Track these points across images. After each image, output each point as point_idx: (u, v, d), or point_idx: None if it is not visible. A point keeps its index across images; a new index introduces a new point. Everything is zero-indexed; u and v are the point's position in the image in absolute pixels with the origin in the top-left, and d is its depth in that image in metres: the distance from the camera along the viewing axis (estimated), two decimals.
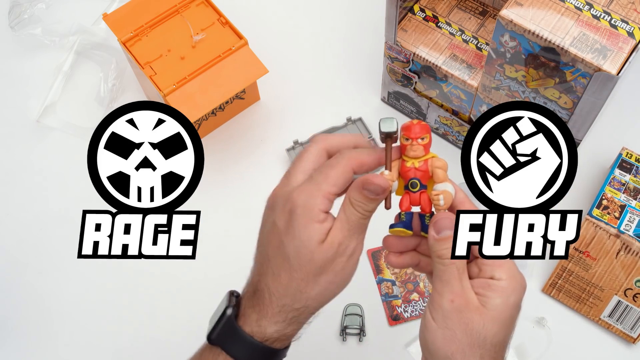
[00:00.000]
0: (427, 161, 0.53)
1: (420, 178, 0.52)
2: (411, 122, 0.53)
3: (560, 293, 0.87)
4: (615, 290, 0.84)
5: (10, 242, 0.96)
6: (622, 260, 0.82)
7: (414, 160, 0.52)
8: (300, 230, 0.50)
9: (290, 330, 0.54)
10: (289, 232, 0.51)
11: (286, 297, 0.52)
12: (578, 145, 0.81)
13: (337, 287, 0.53)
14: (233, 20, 0.97)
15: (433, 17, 0.93)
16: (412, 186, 0.52)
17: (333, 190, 0.51)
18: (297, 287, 0.52)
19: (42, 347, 0.89)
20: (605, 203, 0.84)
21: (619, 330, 0.85)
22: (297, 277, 0.51)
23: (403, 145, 0.53)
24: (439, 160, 0.53)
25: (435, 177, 0.53)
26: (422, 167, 0.52)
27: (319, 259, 0.51)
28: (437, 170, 0.52)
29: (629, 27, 0.71)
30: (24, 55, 1.11)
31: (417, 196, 0.53)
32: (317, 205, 0.50)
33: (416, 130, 0.52)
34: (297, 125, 1.02)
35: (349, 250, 0.52)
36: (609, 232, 0.82)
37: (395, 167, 0.53)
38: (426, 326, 0.50)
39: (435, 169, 0.52)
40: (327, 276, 0.52)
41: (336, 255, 0.51)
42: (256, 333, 0.53)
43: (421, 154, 0.52)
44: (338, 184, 0.51)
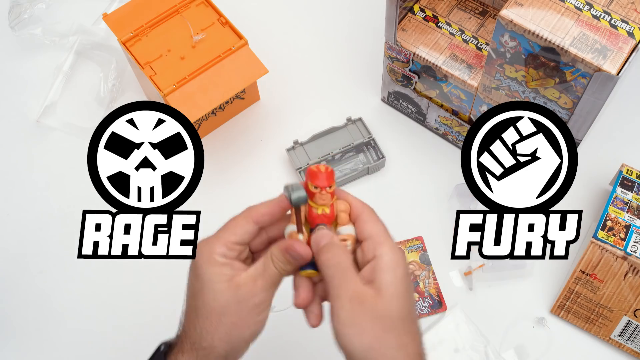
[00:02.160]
0: (333, 206, 0.55)
1: (326, 223, 0.55)
2: (317, 169, 0.55)
3: (569, 314, 0.87)
4: (625, 311, 0.84)
5: (10, 242, 0.96)
6: (631, 282, 0.82)
7: (322, 207, 0.55)
8: (202, 272, 0.55)
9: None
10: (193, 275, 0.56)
11: (194, 335, 0.55)
12: (578, 145, 0.81)
13: (242, 333, 0.55)
14: (233, 20, 0.97)
15: (433, 17, 0.93)
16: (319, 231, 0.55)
17: (231, 238, 0.55)
18: (202, 326, 0.55)
19: (43, 347, 0.89)
20: (609, 224, 0.83)
21: (630, 349, 0.85)
22: (202, 316, 0.54)
23: (311, 193, 0.55)
24: (342, 203, 0.56)
25: (339, 219, 0.55)
26: (330, 213, 0.55)
27: (222, 299, 0.54)
28: (341, 214, 0.55)
29: (629, 27, 0.71)
30: (24, 55, 1.11)
31: None
32: (214, 251, 0.55)
33: (323, 178, 0.54)
34: (297, 125, 1.02)
35: (256, 298, 0.54)
36: (616, 255, 0.82)
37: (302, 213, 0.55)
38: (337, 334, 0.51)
39: (339, 213, 0.55)
40: (230, 317, 0.54)
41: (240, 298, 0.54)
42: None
43: (328, 201, 0.55)
44: (237, 233, 0.55)
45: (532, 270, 0.90)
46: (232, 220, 0.57)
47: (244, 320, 0.54)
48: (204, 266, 0.55)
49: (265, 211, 0.56)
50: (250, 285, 0.54)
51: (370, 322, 0.51)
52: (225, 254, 0.55)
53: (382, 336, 0.51)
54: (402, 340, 0.51)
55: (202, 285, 0.55)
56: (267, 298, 0.55)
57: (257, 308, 0.55)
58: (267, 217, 0.56)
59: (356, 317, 0.51)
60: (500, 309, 0.88)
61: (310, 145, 0.99)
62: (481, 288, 0.90)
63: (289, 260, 0.54)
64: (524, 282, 0.90)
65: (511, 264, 0.89)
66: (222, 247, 0.55)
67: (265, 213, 0.56)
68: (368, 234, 0.54)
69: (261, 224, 0.57)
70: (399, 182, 0.98)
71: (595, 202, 0.94)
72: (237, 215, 0.57)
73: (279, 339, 0.88)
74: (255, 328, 0.55)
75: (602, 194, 0.95)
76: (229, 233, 0.56)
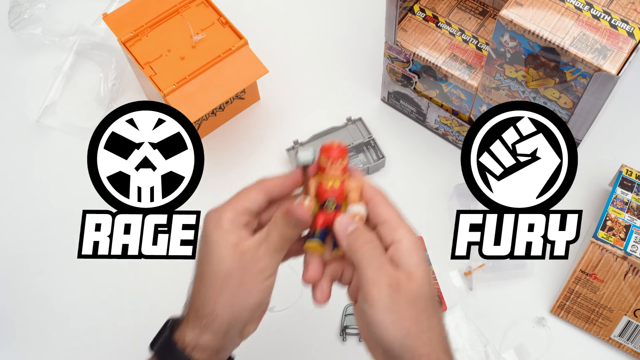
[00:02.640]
0: (343, 182, 0.55)
1: (336, 198, 0.55)
2: (331, 143, 0.55)
3: (569, 314, 0.87)
4: (625, 311, 0.84)
5: (10, 242, 0.96)
6: (631, 282, 0.82)
7: (331, 180, 0.54)
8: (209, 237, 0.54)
9: (206, 340, 0.54)
10: (202, 240, 0.55)
11: (198, 302, 0.55)
12: (578, 145, 0.81)
13: (244, 301, 0.54)
14: (233, 20, 0.97)
15: (433, 17, 0.93)
16: (328, 207, 0.55)
17: (239, 206, 0.55)
18: (206, 291, 0.54)
19: (43, 347, 0.89)
20: (609, 224, 0.83)
21: (630, 349, 0.85)
22: (206, 281, 0.54)
23: (322, 167, 0.55)
24: (354, 181, 0.55)
25: (349, 198, 0.55)
26: (339, 189, 0.55)
27: (226, 264, 0.53)
28: (352, 192, 0.55)
29: (629, 27, 0.71)
30: (24, 55, 1.11)
31: (332, 215, 0.55)
32: (222, 217, 0.54)
33: (335, 152, 0.54)
34: (297, 125, 1.02)
35: (260, 264, 0.54)
36: (616, 255, 0.82)
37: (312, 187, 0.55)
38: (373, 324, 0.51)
39: (350, 191, 0.55)
40: (233, 283, 0.53)
41: (244, 263, 0.53)
42: (178, 339, 0.55)
43: (339, 175, 0.55)
44: (246, 201, 0.55)
45: (532, 270, 0.90)
46: (243, 189, 0.56)
47: (246, 286, 0.53)
48: (211, 231, 0.54)
49: (276, 183, 0.56)
50: (253, 250, 0.54)
51: (408, 306, 0.51)
52: (233, 220, 0.54)
53: (417, 320, 0.51)
54: (431, 321, 0.52)
55: (208, 250, 0.54)
56: (270, 264, 0.54)
57: (260, 274, 0.54)
58: (278, 188, 0.56)
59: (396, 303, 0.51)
60: (500, 309, 0.88)
61: (310, 146, 0.99)
62: (481, 288, 0.90)
63: (289, 224, 0.53)
64: (524, 282, 0.90)
65: (511, 264, 0.89)
66: (230, 214, 0.55)
67: (276, 184, 0.56)
68: (383, 218, 0.54)
69: (271, 195, 0.56)
70: (399, 182, 0.98)
71: (595, 202, 0.94)
72: (248, 185, 0.57)
73: (279, 338, 0.88)
74: (259, 297, 0.54)
75: (602, 194, 0.95)
76: (238, 201, 0.55)
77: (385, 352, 0.52)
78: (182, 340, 0.55)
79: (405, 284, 0.51)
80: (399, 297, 0.51)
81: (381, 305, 0.51)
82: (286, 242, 0.54)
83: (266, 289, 0.54)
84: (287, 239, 0.54)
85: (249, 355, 0.65)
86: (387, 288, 0.51)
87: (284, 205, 0.55)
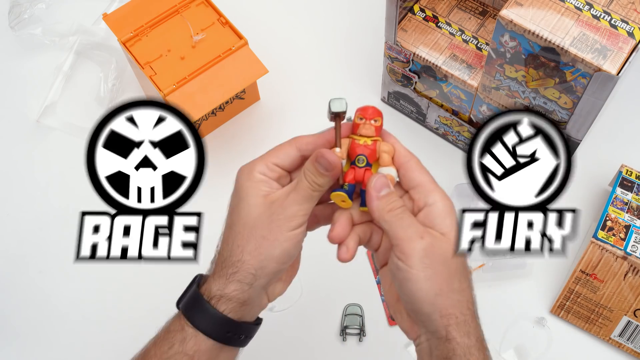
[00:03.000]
0: (376, 142, 0.56)
1: (367, 156, 0.55)
2: (366, 105, 0.56)
3: (569, 314, 0.87)
4: (625, 311, 0.84)
5: (10, 242, 0.96)
6: (631, 282, 0.82)
7: (365, 138, 0.56)
8: (241, 188, 0.56)
9: (231, 290, 0.54)
10: (235, 192, 0.57)
11: (226, 251, 0.55)
12: (578, 145, 0.81)
13: (271, 249, 0.54)
14: (233, 20, 0.97)
15: (433, 17, 0.93)
16: (358, 162, 0.56)
17: (272, 159, 0.56)
18: (234, 239, 0.55)
19: (42, 347, 0.89)
20: (609, 224, 0.83)
21: (630, 349, 0.85)
22: (235, 230, 0.55)
23: (356, 124, 0.56)
24: (386, 144, 0.56)
25: (380, 160, 0.56)
26: (371, 146, 0.56)
27: (255, 212, 0.54)
28: (383, 154, 0.56)
29: (629, 27, 0.71)
30: (24, 55, 1.11)
31: (362, 172, 0.56)
32: (254, 169, 0.55)
33: (370, 111, 0.56)
34: (297, 125, 1.02)
35: (288, 211, 0.54)
36: (616, 255, 0.82)
37: (344, 145, 0.56)
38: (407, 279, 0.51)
39: (382, 153, 0.56)
40: (261, 230, 0.54)
41: (273, 211, 0.54)
42: (205, 291, 0.56)
43: (372, 133, 0.56)
44: (279, 156, 0.56)
45: (532, 270, 0.90)
46: (277, 145, 0.58)
47: (274, 234, 0.54)
48: (243, 183, 0.56)
49: (309, 140, 0.57)
50: (283, 198, 0.54)
51: (441, 265, 0.51)
52: (265, 172, 0.55)
53: (449, 280, 0.51)
54: (462, 284, 0.52)
55: (239, 200, 0.55)
56: (298, 213, 0.54)
57: (288, 222, 0.54)
58: (311, 145, 0.57)
59: (430, 258, 0.51)
60: (500, 309, 0.88)
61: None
62: (481, 288, 0.90)
63: (319, 171, 0.53)
64: (524, 282, 0.90)
65: (511, 264, 0.89)
66: (262, 166, 0.56)
67: (309, 142, 0.57)
68: (417, 182, 0.55)
69: (304, 152, 0.57)
70: None
71: (595, 202, 0.94)
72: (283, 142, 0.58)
73: (279, 338, 0.88)
74: (286, 246, 0.54)
75: (602, 194, 0.95)
76: (271, 155, 0.56)
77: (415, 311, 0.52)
78: (208, 292, 0.55)
79: (439, 243, 0.52)
80: (433, 253, 0.51)
81: (416, 259, 0.51)
82: (315, 190, 0.54)
83: (293, 239, 0.54)
84: (317, 187, 0.54)
85: (249, 355, 0.65)
86: (422, 242, 0.51)
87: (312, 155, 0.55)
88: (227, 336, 0.55)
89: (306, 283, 0.88)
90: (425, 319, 0.52)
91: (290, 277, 0.60)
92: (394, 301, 0.57)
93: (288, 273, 0.59)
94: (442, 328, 0.51)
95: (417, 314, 0.53)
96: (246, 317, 0.56)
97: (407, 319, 0.55)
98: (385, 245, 0.58)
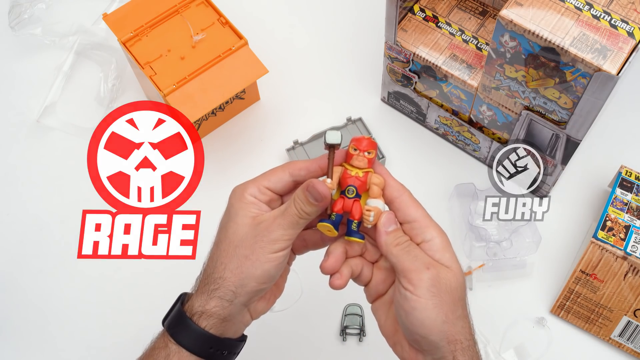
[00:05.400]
0: (367, 174, 0.56)
1: (357, 187, 0.56)
2: (362, 136, 0.57)
3: (569, 314, 0.87)
4: (625, 311, 0.84)
5: (10, 242, 0.96)
6: (630, 282, 0.82)
7: (357, 170, 0.56)
8: (231, 208, 0.57)
9: (212, 306, 0.56)
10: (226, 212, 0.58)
11: (210, 267, 0.57)
12: (578, 145, 0.81)
13: (252, 269, 0.55)
14: (233, 20, 0.97)
15: (433, 17, 0.93)
16: (348, 192, 0.56)
17: (264, 182, 0.57)
18: (218, 256, 0.56)
19: (42, 347, 0.89)
20: (609, 224, 0.84)
21: (630, 349, 0.85)
22: (221, 248, 0.56)
23: (350, 155, 0.57)
24: (377, 177, 0.57)
25: (370, 192, 0.57)
26: (362, 178, 0.56)
27: (241, 232, 0.56)
28: (374, 186, 0.56)
29: (629, 27, 0.71)
30: (24, 55, 1.11)
31: (350, 202, 0.57)
32: (246, 190, 0.57)
33: (365, 143, 0.56)
34: (297, 125, 1.02)
35: (272, 235, 0.55)
36: (616, 255, 0.82)
37: (336, 174, 0.57)
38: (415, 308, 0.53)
39: (372, 185, 0.56)
40: (244, 250, 0.55)
41: (257, 232, 0.55)
42: (187, 308, 0.57)
43: (364, 165, 0.56)
44: (272, 180, 0.57)
45: (532, 270, 0.90)
46: (270, 169, 0.59)
47: (256, 254, 0.55)
48: (234, 202, 0.57)
49: (302, 165, 0.58)
50: (269, 221, 0.56)
51: (447, 294, 0.53)
52: (256, 194, 0.57)
53: (453, 307, 0.54)
54: (464, 311, 0.55)
55: (229, 219, 0.57)
56: (282, 237, 0.55)
57: (271, 245, 0.55)
58: (304, 171, 0.58)
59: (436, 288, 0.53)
60: (500, 309, 0.88)
61: (310, 145, 0.99)
62: (481, 288, 0.90)
63: (308, 200, 0.55)
64: (524, 282, 0.90)
65: (511, 264, 0.89)
66: (254, 189, 0.57)
67: (302, 167, 0.58)
68: (412, 217, 0.56)
69: (296, 177, 0.58)
70: None
71: (595, 203, 0.94)
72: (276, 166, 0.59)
73: (279, 338, 0.88)
74: (267, 267, 0.55)
75: (601, 195, 0.95)
76: (264, 178, 0.58)
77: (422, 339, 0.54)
78: (190, 309, 0.56)
79: (443, 274, 0.54)
80: (439, 283, 0.53)
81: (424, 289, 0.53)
82: (302, 218, 0.56)
83: (274, 261, 0.56)
84: (304, 214, 0.55)
85: (249, 355, 0.65)
86: (428, 272, 0.53)
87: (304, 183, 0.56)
88: (209, 352, 0.56)
89: (306, 283, 0.87)
90: (433, 347, 0.54)
91: (275, 296, 0.61)
92: (392, 333, 0.59)
93: (272, 292, 0.61)
94: (449, 354, 0.53)
95: (423, 342, 0.54)
96: (228, 333, 0.58)
97: (408, 349, 0.56)
98: (377, 279, 0.59)
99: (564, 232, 0.93)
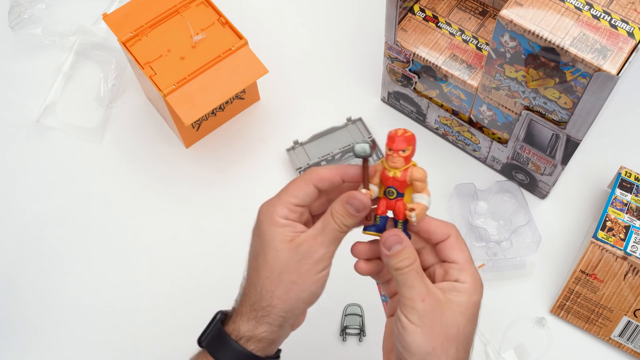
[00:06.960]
0: (405, 171, 0.55)
1: (397, 187, 0.55)
2: (396, 132, 0.54)
3: (569, 314, 0.87)
4: (625, 311, 0.84)
5: (10, 242, 0.96)
6: (631, 282, 0.82)
7: (394, 170, 0.54)
8: (264, 233, 0.55)
9: (261, 331, 0.56)
10: (256, 236, 0.57)
11: (254, 295, 0.56)
12: (578, 145, 0.81)
13: (300, 293, 0.55)
14: (233, 20, 0.97)
15: (433, 17, 0.93)
16: (389, 194, 0.55)
17: (292, 200, 0.56)
18: (262, 285, 0.55)
19: (42, 347, 0.89)
20: (609, 225, 0.84)
21: (630, 349, 0.85)
22: (263, 275, 0.55)
23: (386, 155, 0.55)
24: (418, 171, 0.55)
25: (414, 187, 0.55)
26: (401, 177, 0.54)
27: (282, 257, 0.54)
28: (416, 182, 0.55)
29: (629, 27, 0.71)
30: (24, 55, 1.11)
31: (393, 203, 0.55)
32: (275, 212, 0.55)
33: (398, 142, 0.54)
34: (297, 125, 1.02)
35: (316, 255, 0.54)
36: (616, 255, 0.82)
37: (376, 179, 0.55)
38: (404, 329, 0.52)
39: (414, 181, 0.55)
40: (290, 275, 0.54)
41: (300, 256, 0.54)
42: (232, 331, 0.56)
43: (400, 165, 0.54)
44: (298, 195, 0.56)
45: (532, 270, 0.90)
46: (292, 182, 0.57)
47: (303, 278, 0.54)
48: (266, 227, 0.55)
49: (325, 175, 0.56)
50: (310, 242, 0.55)
51: (439, 327, 0.52)
52: (287, 215, 0.56)
53: (445, 343, 0.52)
54: (459, 354, 0.53)
55: (264, 245, 0.55)
56: (326, 255, 0.55)
57: (317, 265, 0.54)
58: (327, 181, 0.56)
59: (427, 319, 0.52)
60: (500, 309, 0.88)
61: (310, 145, 0.99)
62: None
63: (349, 212, 0.54)
64: (524, 282, 0.90)
65: (511, 264, 0.89)
66: (283, 209, 0.55)
67: (325, 177, 0.56)
68: (454, 259, 0.55)
69: (321, 188, 0.57)
70: None
71: (595, 203, 0.94)
72: (298, 177, 0.58)
73: None
74: (314, 288, 0.55)
75: (601, 195, 0.95)
76: (289, 195, 0.56)
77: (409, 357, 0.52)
78: (236, 332, 0.56)
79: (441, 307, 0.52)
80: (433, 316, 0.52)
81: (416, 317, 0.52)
82: (343, 232, 0.55)
83: (321, 280, 0.55)
84: (345, 227, 0.55)
85: None
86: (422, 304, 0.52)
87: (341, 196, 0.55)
88: None
89: None
90: None
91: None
92: (388, 350, 0.58)
93: None
94: None
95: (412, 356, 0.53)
96: (271, 352, 0.58)
97: None
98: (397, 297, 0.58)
99: (564, 232, 0.93)
